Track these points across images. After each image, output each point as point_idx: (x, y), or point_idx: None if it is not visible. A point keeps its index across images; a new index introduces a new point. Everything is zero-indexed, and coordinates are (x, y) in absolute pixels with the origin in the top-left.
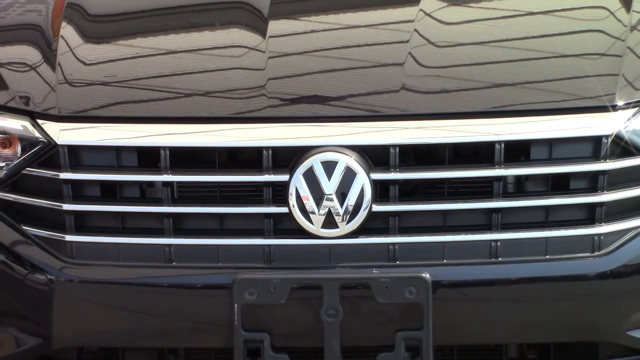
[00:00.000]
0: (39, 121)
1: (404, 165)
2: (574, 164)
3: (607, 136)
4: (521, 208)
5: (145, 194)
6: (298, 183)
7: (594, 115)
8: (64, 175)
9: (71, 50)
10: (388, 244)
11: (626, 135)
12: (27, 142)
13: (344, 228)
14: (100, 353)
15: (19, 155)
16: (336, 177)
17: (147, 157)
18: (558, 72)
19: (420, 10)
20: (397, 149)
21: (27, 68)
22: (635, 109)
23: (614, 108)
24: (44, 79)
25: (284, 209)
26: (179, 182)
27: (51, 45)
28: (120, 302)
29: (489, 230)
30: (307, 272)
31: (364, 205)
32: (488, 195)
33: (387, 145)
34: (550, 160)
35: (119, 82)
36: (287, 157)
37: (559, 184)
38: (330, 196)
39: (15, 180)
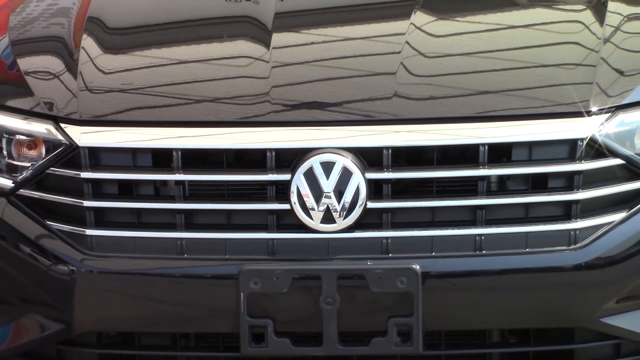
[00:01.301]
0: (62, 125)
1: (396, 166)
2: (551, 164)
3: (582, 139)
4: (503, 205)
5: (159, 191)
6: (299, 182)
7: (570, 120)
8: (85, 175)
9: (91, 60)
10: (381, 238)
11: (600, 139)
12: (51, 144)
13: (341, 223)
14: (118, 337)
15: (43, 156)
16: (334, 177)
17: (161, 158)
18: (537, 80)
19: (411, 24)
20: (390, 151)
21: (51, 76)
22: (608, 115)
23: (589, 114)
24: (66, 87)
25: (286, 206)
26: (190, 181)
27: (73, 55)
28: (136, 290)
29: (474, 225)
30: (307, 263)
31: (360, 202)
32: (473, 193)
33: (380, 147)
34: (530, 161)
35: (135, 89)
36: (289, 158)
37: (538, 183)
38: (329, 194)
39: (40, 179)
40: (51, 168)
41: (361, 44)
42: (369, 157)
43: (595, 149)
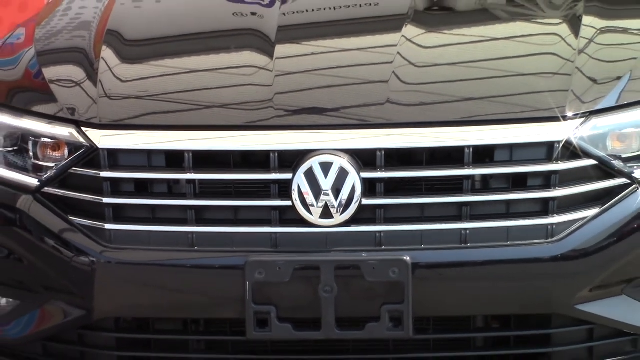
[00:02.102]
0: (83, 129)
1: (388, 166)
2: (531, 165)
3: (558, 142)
4: (486, 202)
5: (171, 189)
6: (300, 181)
7: (547, 125)
8: (104, 174)
9: (110, 69)
10: (375, 232)
11: (575, 141)
12: (73, 146)
13: (338, 218)
14: (134, 323)
15: (66, 157)
16: (332, 176)
17: (173, 159)
18: (518, 88)
19: (403, 36)
20: (383, 152)
21: (74, 84)
22: (583, 119)
23: (565, 118)
24: (87, 94)
25: (288, 203)
26: (200, 180)
27: (93, 65)
28: (151, 280)
29: (460, 220)
30: (307, 255)
31: (355, 199)
32: (459, 191)
33: (374, 149)
34: (511, 162)
35: (150, 96)
36: (291, 159)
37: (519, 182)
38: (327, 192)
39: (63, 178)
40: (73, 168)
41: (356, 54)
42: (363, 158)
43: (571, 150)
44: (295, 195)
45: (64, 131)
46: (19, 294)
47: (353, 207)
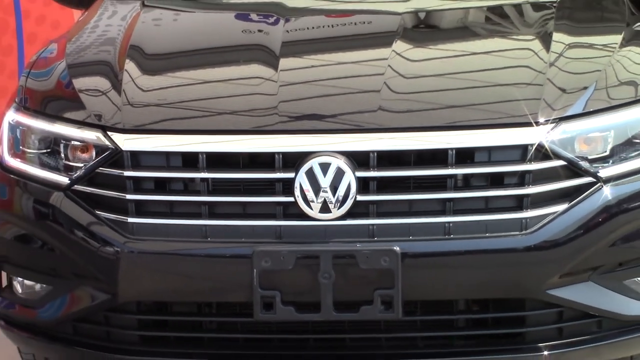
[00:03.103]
0: (109, 133)
1: (380, 166)
2: (507, 165)
3: (531, 144)
4: (468, 198)
5: (187, 187)
6: (301, 179)
7: (522, 129)
8: (127, 173)
9: (133, 80)
10: (368, 225)
11: (546, 144)
12: (100, 149)
13: (336, 213)
14: (154, 306)
15: (93, 158)
16: (330, 175)
17: (189, 160)
18: (495, 96)
19: (393, 50)
20: (375, 154)
21: (100, 93)
22: (553, 125)
23: (537, 124)
24: (112, 102)
25: (291, 199)
26: (212, 178)
27: (118, 76)
28: (169, 267)
29: (444, 214)
30: (308, 245)
31: (351, 195)
32: (443, 188)
33: (367, 151)
34: (489, 162)
35: (168, 104)
36: (293, 160)
37: (496, 180)
38: (325, 189)
39: (91, 177)
40: (100, 168)
41: (352, 66)
42: (358, 159)
43: (543, 152)
44: (297, 192)
45: (91, 135)
46: (52, 281)
47: (349, 203)
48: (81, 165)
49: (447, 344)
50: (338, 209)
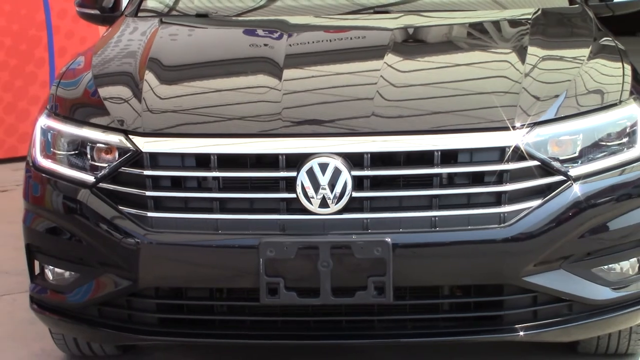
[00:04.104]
0: (130, 136)
1: (373, 166)
2: (487, 165)
3: (509, 147)
4: (452, 194)
5: (200, 184)
6: (303, 178)
7: (500, 133)
8: (147, 172)
9: (152, 89)
10: (363, 219)
11: (522, 146)
12: (122, 150)
13: (333, 208)
14: (171, 291)
15: (116, 159)
16: (328, 174)
17: (202, 160)
18: (476, 103)
19: (384, 62)
20: (369, 155)
21: (122, 101)
22: (528, 129)
23: (514, 128)
24: (133, 108)
25: (293, 195)
26: (223, 177)
27: (138, 85)
28: (184, 257)
29: (430, 209)
30: (308, 237)
31: (347, 192)
32: (429, 186)
33: (362, 152)
34: (471, 163)
35: (184, 110)
36: (295, 160)
37: (477, 178)
38: (324, 186)
39: (114, 176)
40: (122, 168)
41: (348, 77)
42: (353, 160)
43: (519, 154)
44: (299, 189)
45: (115, 138)
46: (79, 268)
47: (345, 199)
48: (105, 165)
49: (433, 325)
50: (335, 204)
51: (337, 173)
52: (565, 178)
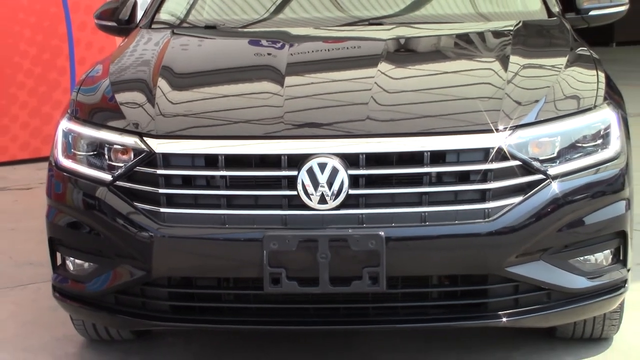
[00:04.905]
0: (145, 138)
1: (368, 166)
2: (472, 164)
3: (493, 148)
4: (440, 192)
5: (209, 182)
6: (303, 176)
7: (484, 135)
8: (160, 171)
9: (164, 95)
10: (358, 214)
11: (505, 147)
12: (137, 151)
13: (331, 204)
14: (182, 281)
15: (131, 159)
16: (326, 173)
17: (210, 160)
18: (463, 108)
19: (378, 70)
20: (364, 156)
21: (137, 106)
22: (510, 131)
23: (497, 131)
24: (147, 113)
25: (294, 192)
26: (230, 176)
27: (152, 91)
28: (194, 249)
29: (420, 205)
30: (308, 231)
31: (344, 190)
32: (420, 184)
33: (357, 153)
34: (458, 162)
35: (193, 114)
36: (296, 160)
37: (464, 177)
38: (323, 184)
39: (130, 175)
40: (137, 167)
41: (344, 83)
42: (350, 160)
43: (502, 154)
44: (299, 187)
45: (130, 140)
46: (97, 260)
47: (342, 196)
48: (121, 165)
49: (423, 312)
50: (333, 200)
51: (334, 172)
52: (544, 177)
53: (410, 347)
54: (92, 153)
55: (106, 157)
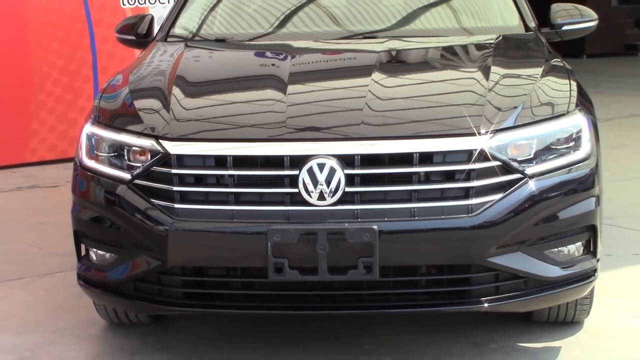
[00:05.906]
0: (160, 141)
1: (363, 166)
2: (457, 165)
3: (475, 150)
4: (428, 189)
5: (218, 181)
6: (304, 175)
7: (468, 138)
8: (174, 171)
9: (178, 101)
10: (354, 209)
11: (486, 149)
12: (153, 153)
13: (329, 200)
14: (194, 270)
15: (148, 159)
16: (325, 172)
17: (219, 161)
18: (449, 113)
19: (372, 79)
20: (359, 157)
21: (154, 111)
22: (491, 135)
23: (479, 134)
24: (163, 118)
25: (296, 190)
26: (237, 175)
27: (167, 98)
28: (205, 241)
29: (410, 201)
30: (309, 225)
31: (341, 187)
32: (409, 182)
33: (353, 154)
34: (444, 163)
35: (204, 119)
36: (297, 161)
37: (449, 176)
38: (322, 183)
39: (147, 174)
40: (153, 167)
41: (341, 91)
42: (346, 160)
43: (483, 155)
44: (300, 185)
45: (147, 143)
46: (118, 251)
47: (339, 193)
48: (139, 165)
49: (413, 298)
50: (331, 197)
51: (332, 171)
52: (522, 176)
53: (400, 329)
54: (113, 154)
55: (125, 158)
